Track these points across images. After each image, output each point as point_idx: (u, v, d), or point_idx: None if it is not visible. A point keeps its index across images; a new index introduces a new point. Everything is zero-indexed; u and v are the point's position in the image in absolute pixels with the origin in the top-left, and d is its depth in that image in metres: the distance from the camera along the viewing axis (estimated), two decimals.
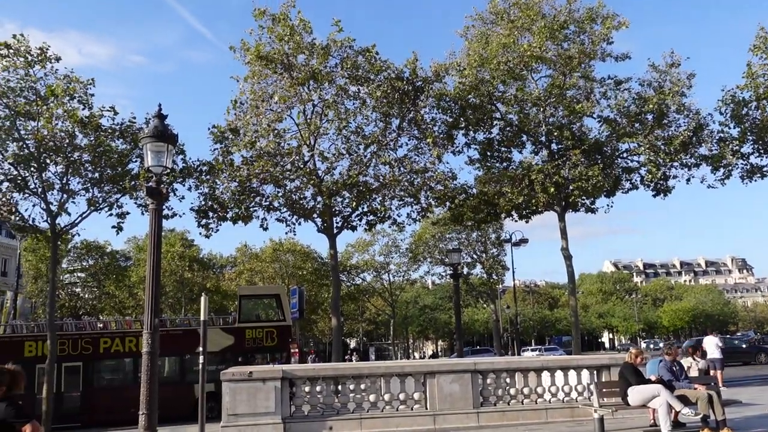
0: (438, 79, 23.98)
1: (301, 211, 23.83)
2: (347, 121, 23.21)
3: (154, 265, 10.15)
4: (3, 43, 19.29)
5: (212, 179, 22.69)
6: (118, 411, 20.78)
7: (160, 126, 10.41)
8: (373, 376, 12.67)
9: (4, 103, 19.58)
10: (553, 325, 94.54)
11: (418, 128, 23.98)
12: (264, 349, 23.38)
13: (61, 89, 19.64)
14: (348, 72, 22.66)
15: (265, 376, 11.93)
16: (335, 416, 12.14)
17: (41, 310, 51.95)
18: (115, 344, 22.57)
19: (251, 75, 22.71)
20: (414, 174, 23.94)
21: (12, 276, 53.88)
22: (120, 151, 20.79)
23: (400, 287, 65.54)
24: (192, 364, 22.44)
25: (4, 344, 21.73)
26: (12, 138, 19.78)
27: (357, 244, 59.58)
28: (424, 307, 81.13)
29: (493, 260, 53.61)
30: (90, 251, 54.64)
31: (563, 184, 23.49)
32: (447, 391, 12.41)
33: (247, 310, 24.94)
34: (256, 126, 22.55)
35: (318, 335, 77.27)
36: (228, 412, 11.65)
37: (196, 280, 56.50)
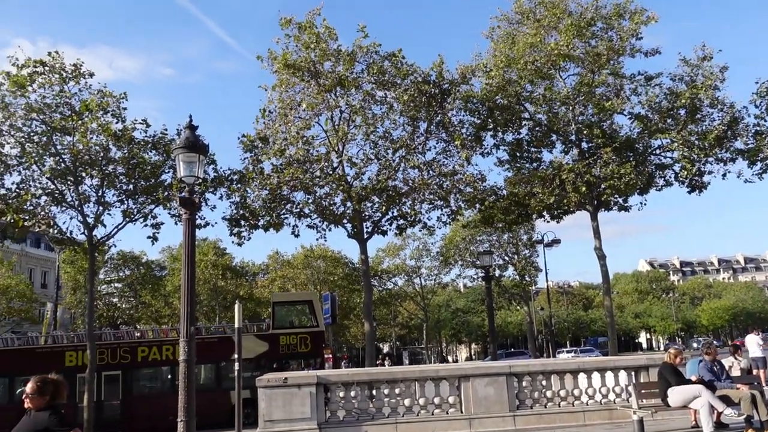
0: (464, 81, 23.91)
1: (332, 217, 23.94)
2: (375, 126, 23.28)
3: (189, 274, 10.28)
4: (39, 61, 19.78)
5: (243, 188, 22.93)
6: (157, 418, 21.06)
7: (191, 137, 10.55)
8: (407, 380, 12.64)
9: (41, 119, 20.07)
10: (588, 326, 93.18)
11: (446, 131, 23.92)
12: (298, 355, 23.51)
13: (95, 104, 20.07)
14: (374, 77, 22.73)
15: (300, 382, 11.98)
16: (370, 421, 12.14)
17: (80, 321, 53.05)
18: (152, 353, 22.92)
19: (279, 83, 22.93)
20: (443, 177, 23.88)
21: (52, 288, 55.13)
22: (153, 162, 21.16)
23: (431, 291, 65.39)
24: (228, 371, 22.66)
25: (46, 354, 22.23)
26: (49, 153, 20.27)
27: (388, 248, 59.66)
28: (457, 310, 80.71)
29: (525, 262, 53.15)
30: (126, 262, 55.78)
31: (595, 182, 23.19)
32: (482, 395, 12.32)
33: (280, 316, 25.12)
34: (284, 134, 22.75)
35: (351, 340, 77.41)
36: (264, 418, 11.73)
37: (230, 288, 57.15)
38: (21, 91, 19.70)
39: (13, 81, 19.46)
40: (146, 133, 21.24)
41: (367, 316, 24.99)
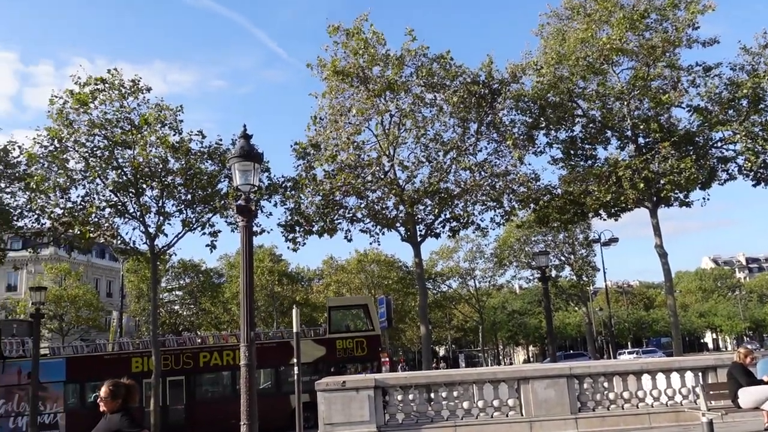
0: (515, 80, 23.66)
1: (384, 221, 24.02)
2: (425, 128, 23.29)
3: (248, 280, 10.48)
4: (99, 79, 20.56)
5: (297, 194, 23.27)
6: (220, 422, 21.52)
7: (246, 146, 10.77)
8: (465, 382, 12.56)
9: (103, 135, 20.86)
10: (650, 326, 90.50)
11: (497, 131, 23.72)
12: (355, 359, 23.64)
13: (153, 117, 20.73)
14: (423, 80, 22.73)
15: (358, 386, 12.05)
16: (429, 424, 12.11)
17: (144, 328, 54.73)
18: (213, 358, 23.45)
19: (329, 90, 23.18)
20: (495, 177, 23.68)
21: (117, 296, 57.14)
22: (209, 172, 21.70)
23: (486, 293, 64.74)
24: (286, 376, 22.99)
25: (114, 361, 23.03)
26: (111, 166, 21.04)
27: (441, 251, 59.40)
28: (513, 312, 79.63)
29: (582, 261, 52.09)
30: (186, 270, 57.27)
31: (653, 178, 22.58)
32: (542, 397, 12.13)
33: (336, 321, 25.32)
34: (336, 140, 22.98)
35: (406, 344, 77.34)
36: (324, 422, 11.84)
37: (286, 294, 57.98)
38: (84, 108, 20.53)
39: (76, 99, 20.29)
40: (202, 144, 21.84)
41: (422, 319, 24.97)
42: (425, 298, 25.66)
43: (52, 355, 24.21)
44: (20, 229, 22.81)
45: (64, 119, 20.39)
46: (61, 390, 22.70)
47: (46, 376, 21.69)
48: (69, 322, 50.54)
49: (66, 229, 21.92)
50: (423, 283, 25.73)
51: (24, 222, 22.13)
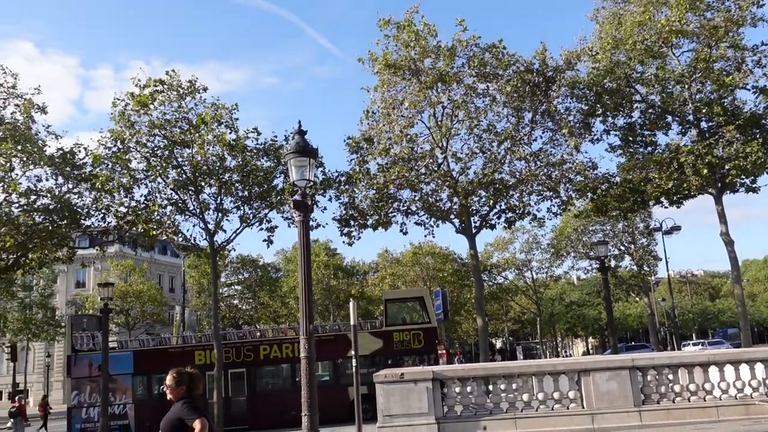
0: (570, 67, 23.19)
1: (439, 213, 23.97)
2: (478, 119, 23.08)
3: (305, 274, 10.64)
4: (158, 80, 21.13)
5: (351, 189, 23.42)
6: (279, 414, 21.95)
7: (302, 142, 10.92)
8: (524, 375, 12.43)
9: (163, 135, 21.45)
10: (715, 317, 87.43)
11: (553, 119, 23.32)
12: (411, 351, 23.68)
13: (210, 116, 21.18)
14: (476, 70, 22.53)
15: (416, 378, 12.09)
16: (488, 416, 12.05)
17: (205, 322, 56.29)
18: (273, 351, 23.90)
19: (381, 84, 23.23)
20: (551, 167, 23.29)
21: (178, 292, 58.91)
22: (265, 169, 22.05)
23: (544, 284, 63.82)
24: (344, 368, 23.23)
25: (178, 354, 23.73)
26: (171, 165, 21.63)
27: (496, 242, 58.86)
28: (571, 303, 78.20)
29: (643, 251, 50.72)
30: (245, 265, 58.59)
31: (718, 164, 21.78)
32: (604, 389, 11.91)
33: (392, 313, 25.41)
34: (389, 133, 23.02)
35: (462, 336, 77.07)
36: (383, 413, 11.93)
37: (342, 287, 58.58)
38: (144, 110, 21.14)
39: (137, 101, 20.91)
40: (257, 141, 22.20)
41: (479, 311, 24.83)
42: (481, 290, 25.50)
43: (120, 348, 25.14)
44: (87, 228, 23.74)
45: (126, 121, 21.06)
46: (129, 382, 23.55)
47: (114, 369, 22.55)
48: (135, 316, 52.40)
49: (130, 227, 22.68)
50: (479, 275, 25.57)
51: (91, 221, 23.02)
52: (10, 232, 19.84)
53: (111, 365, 21.98)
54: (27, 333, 47.09)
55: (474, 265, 25.07)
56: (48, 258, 22.24)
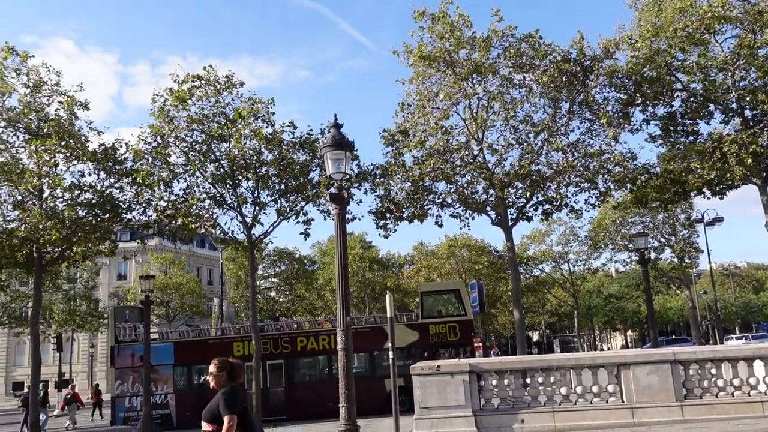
0: (608, 56, 22.78)
1: (475, 206, 23.86)
2: (514, 110, 22.87)
3: (343, 266, 10.72)
4: (196, 76, 21.43)
5: (386, 181, 23.45)
6: (317, 404, 22.19)
7: (338, 135, 10.98)
8: (562, 368, 12.35)
9: (201, 129, 21.76)
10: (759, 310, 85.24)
11: (590, 110, 22.96)
12: (448, 343, 23.68)
13: (247, 111, 21.40)
14: (512, 61, 22.30)
15: (453, 370, 12.10)
16: (526, 409, 12.01)
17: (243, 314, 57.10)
18: (310, 342, 24.14)
19: (415, 76, 23.18)
20: (589, 158, 22.95)
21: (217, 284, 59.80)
22: (301, 162, 22.22)
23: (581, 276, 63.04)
24: (380, 360, 23.36)
25: (217, 345, 24.14)
26: (209, 160, 21.94)
27: (533, 234, 58.35)
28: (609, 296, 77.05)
29: (684, 243, 49.65)
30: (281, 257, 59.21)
31: (762, 153, 21.15)
32: (644, 383, 11.75)
33: (428, 306, 25.42)
34: (424, 125, 22.97)
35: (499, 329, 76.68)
36: (420, 405, 11.99)
37: (377, 280, 58.80)
38: (182, 105, 21.47)
39: (175, 96, 21.24)
40: (294, 135, 22.35)
41: (515, 304, 24.67)
42: (518, 283, 25.32)
43: (161, 339, 25.66)
44: (128, 222, 24.24)
45: (165, 116, 21.42)
46: (171, 372, 24.05)
47: (156, 359, 23.04)
48: (174, 308, 53.45)
49: (170, 220, 23.09)
50: (515, 267, 25.39)
51: (132, 215, 23.48)
52: (56, 226, 20.36)
53: (152, 356, 22.47)
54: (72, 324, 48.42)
55: (510, 257, 24.90)
56: (91, 251, 22.78)
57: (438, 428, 11.76)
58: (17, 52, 21.49)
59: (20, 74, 21.58)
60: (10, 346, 65.88)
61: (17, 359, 66.77)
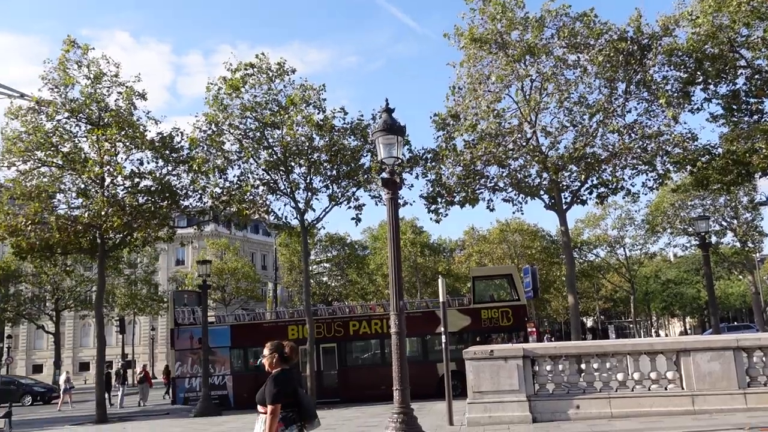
0: (667, 33, 21.99)
1: (527, 189, 23.56)
2: (568, 92, 22.36)
3: (395, 250, 10.76)
4: (249, 64, 21.76)
5: (438, 166, 23.36)
6: (370, 387, 22.39)
7: (389, 119, 10.98)
8: (619, 354, 12.13)
9: (254, 117, 22.13)
10: None
11: (648, 89, 22.25)
12: (500, 328, 23.52)
13: (299, 98, 21.64)
14: (566, 41, 21.79)
15: (506, 355, 12.04)
16: (581, 395, 11.86)
17: (296, 298, 58.01)
18: (362, 326, 24.34)
19: (467, 59, 22.90)
20: (647, 139, 22.29)
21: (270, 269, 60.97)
22: (352, 148, 22.36)
23: (638, 261, 61.56)
24: (432, 345, 23.39)
25: (272, 328, 24.59)
26: (263, 146, 22.31)
27: (587, 218, 57.26)
28: (667, 281, 75.04)
29: (746, 226, 47.80)
30: (333, 243, 59.80)
31: None
32: (705, 370, 11.44)
33: (480, 291, 25.26)
34: (475, 109, 22.71)
35: (552, 315, 75.75)
36: (473, 390, 11.97)
37: (428, 265, 58.78)
38: (236, 93, 21.85)
39: (229, 84, 21.64)
40: (344, 121, 22.50)
41: (570, 289, 24.30)
42: (573, 268, 24.92)
43: (218, 322, 26.31)
44: (185, 208, 24.89)
45: (219, 104, 21.86)
46: (227, 354, 24.65)
47: (213, 342, 23.66)
48: (230, 292, 54.71)
49: (225, 206, 23.64)
50: (570, 252, 24.99)
51: (188, 201, 24.11)
52: (117, 212, 21.07)
53: (210, 338, 23.09)
54: (133, 307, 50.19)
55: (565, 241, 24.51)
56: (151, 237, 23.47)
57: (491, 412, 11.74)
58: (78, 45, 22.19)
59: (81, 66, 22.26)
60: (76, 328, 68.85)
61: (83, 341, 69.77)
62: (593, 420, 11.33)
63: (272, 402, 5.59)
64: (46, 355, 65.31)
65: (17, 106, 21.91)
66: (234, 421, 18.83)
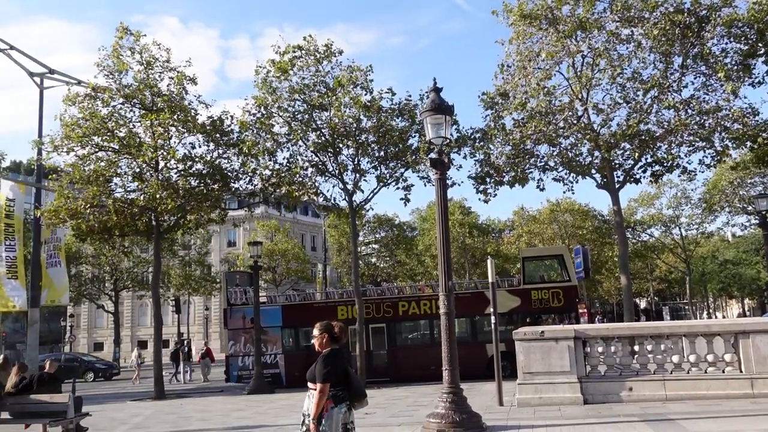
0: (726, 4, 21.06)
1: (579, 168, 23.12)
2: (622, 67, 21.71)
3: (444, 230, 10.74)
4: (297, 46, 21.86)
5: (486, 145, 23.11)
6: (419, 367, 22.53)
7: (437, 99, 10.89)
8: (674, 335, 11.88)
9: (302, 99, 22.27)
10: None
11: (706, 63, 21.43)
12: (551, 309, 23.28)
13: (346, 79, 21.66)
14: (618, 15, 21.12)
15: (557, 336, 11.94)
16: (634, 377, 11.68)
17: (345, 279, 58.59)
18: (411, 307, 24.44)
19: (516, 36, 22.49)
20: (704, 115, 21.51)
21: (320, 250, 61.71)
22: (400, 128, 22.30)
23: (694, 241, 59.79)
24: (481, 325, 23.35)
25: (322, 309, 24.95)
26: (311, 129, 22.47)
27: (641, 198, 55.81)
28: (725, 261, 72.70)
29: None
30: (381, 224, 60.04)
31: None
32: (765, 353, 11.11)
33: (530, 271, 25.01)
34: (525, 87, 22.32)
35: (603, 296, 74.46)
36: (523, 371, 11.93)
37: (477, 246, 58.43)
38: (284, 76, 22.01)
39: (278, 67, 21.80)
40: (392, 102, 22.43)
41: (622, 270, 23.84)
42: (625, 248, 24.39)
43: (269, 303, 26.82)
44: (236, 191, 25.33)
45: (268, 87, 22.07)
46: (279, 334, 25.13)
47: (265, 322, 24.14)
48: (281, 273, 55.64)
49: (275, 188, 23.96)
50: (622, 231, 24.47)
51: (239, 184, 24.51)
52: (171, 195, 21.58)
53: (262, 318, 23.56)
54: (187, 288, 51.56)
55: (617, 221, 24.01)
56: (203, 219, 23.99)
57: (542, 393, 11.68)
58: (131, 32, 22.66)
59: (134, 53, 22.74)
60: (134, 307, 71.33)
61: (141, 320, 72.29)
62: (647, 402, 11.15)
63: (322, 381, 5.73)
64: (106, 334, 67.98)
65: (75, 93, 22.60)
66: (286, 399, 19.24)
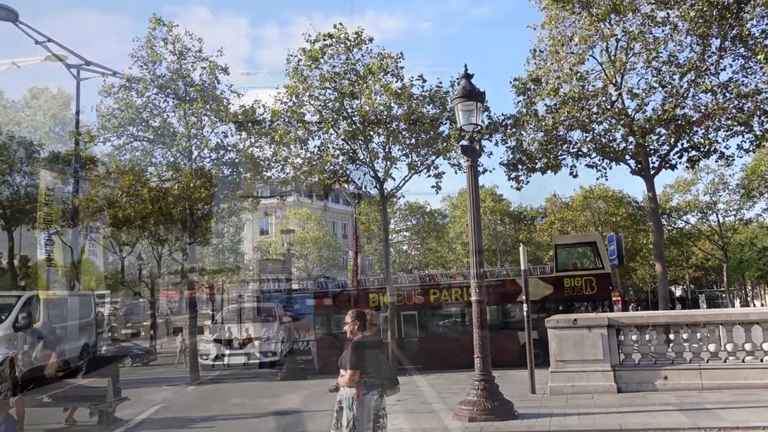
0: None
1: (612, 154, 22.79)
2: (657, 51, 21.27)
3: (475, 218, 10.71)
4: (327, 34, 21.86)
5: (518, 132, 22.90)
6: (451, 355, 22.53)
7: (468, 86, 10.83)
8: (711, 324, 11.69)
9: (333, 87, 22.30)
10: None
11: (745, 45, 20.86)
12: (584, 297, 23.03)
13: (377, 67, 21.61)
14: None
15: (590, 324, 11.85)
16: (669, 366, 11.55)
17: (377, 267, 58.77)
18: (443, 295, 24.44)
19: (548, 20, 22.18)
20: (743, 98, 20.98)
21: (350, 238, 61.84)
22: (431, 116, 22.20)
23: (731, 228, 58.51)
24: (513, 313, 23.23)
25: (353, 296, 25.13)
26: (342, 116, 22.50)
27: (676, 184, 54.77)
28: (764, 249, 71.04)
29: None
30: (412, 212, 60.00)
31: None
32: None
33: (563, 259, 24.77)
34: (557, 72, 22.02)
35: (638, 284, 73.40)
36: (556, 359, 11.88)
37: (509, 233, 58.05)
38: (315, 64, 22.06)
39: (308, 56, 21.85)
40: (423, 89, 22.33)
41: (658, 257, 23.48)
42: (661, 235, 24.02)
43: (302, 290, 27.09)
44: (268, 179, 25.55)
45: (299, 76, 22.14)
46: (311, 321, 25.39)
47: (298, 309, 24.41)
48: (312, 261, 56.07)
49: (306, 177, 24.10)
50: (658, 218, 24.10)
51: (271, 172, 24.72)
52: (205, 184, 21.88)
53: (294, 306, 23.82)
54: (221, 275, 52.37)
55: (652, 208, 23.63)
56: (236, 207, 24.26)
57: (574, 382, 11.62)
58: (164, 23, 22.91)
59: (167, 43, 23.01)
60: None
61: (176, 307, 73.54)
62: (682, 391, 11.02)
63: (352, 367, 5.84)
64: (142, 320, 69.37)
65: (110, 84, 23.00)
66: (318, 385, 19.43)
